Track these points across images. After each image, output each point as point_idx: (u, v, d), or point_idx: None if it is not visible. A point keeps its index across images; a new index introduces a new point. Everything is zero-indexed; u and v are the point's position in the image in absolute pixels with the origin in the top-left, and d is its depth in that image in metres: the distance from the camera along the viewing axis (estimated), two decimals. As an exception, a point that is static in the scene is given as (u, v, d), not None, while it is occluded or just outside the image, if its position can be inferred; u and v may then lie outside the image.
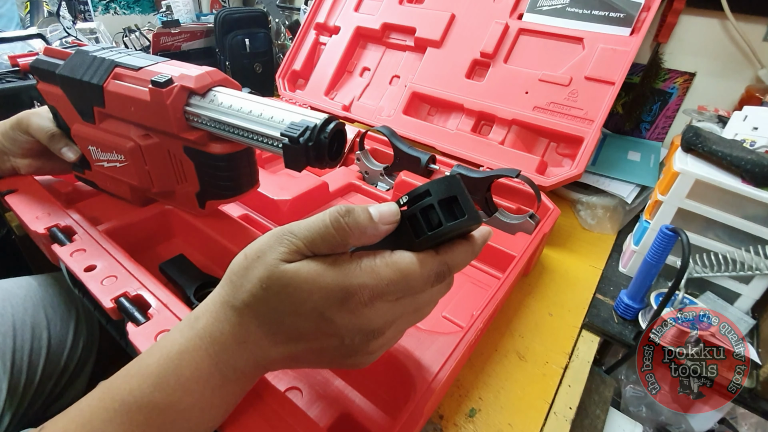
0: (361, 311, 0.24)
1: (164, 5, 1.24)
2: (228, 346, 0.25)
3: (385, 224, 0.24)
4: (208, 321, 0.26)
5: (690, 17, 0.76)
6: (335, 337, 0.24)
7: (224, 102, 0.39)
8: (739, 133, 0.56)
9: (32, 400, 0.48)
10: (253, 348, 0.25)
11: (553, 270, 0.58)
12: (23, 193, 0.51)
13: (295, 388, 0.38)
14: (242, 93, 0.41)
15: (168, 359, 0.25)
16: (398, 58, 0.86)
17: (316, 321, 0.24)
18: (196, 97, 0.41)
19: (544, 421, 0.39)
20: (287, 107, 0.38)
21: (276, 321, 0.25)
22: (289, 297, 0.24)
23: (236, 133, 0.39)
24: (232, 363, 0.26)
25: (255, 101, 0.39)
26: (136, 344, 0.33)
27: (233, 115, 0.39)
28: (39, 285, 0.55)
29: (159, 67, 0.42)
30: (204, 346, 0.25)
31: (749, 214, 0.47)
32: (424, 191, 0.24)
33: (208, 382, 0.25)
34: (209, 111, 0.40)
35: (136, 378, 0.25)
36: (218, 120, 0.39)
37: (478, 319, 0.38)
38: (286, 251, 0.24)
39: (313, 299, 0.23)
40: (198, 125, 0.41)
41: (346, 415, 0.36)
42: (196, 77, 0.40)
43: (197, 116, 0.40)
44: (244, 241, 0.47)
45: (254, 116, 0.38)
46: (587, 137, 0.64)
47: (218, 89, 0.41)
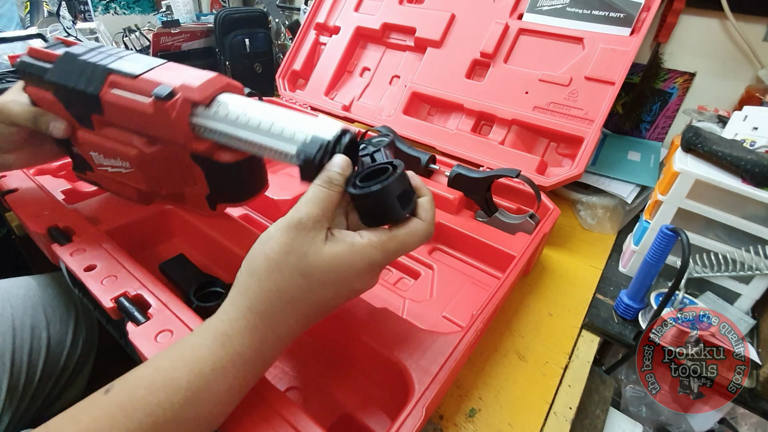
0: (377, 273, 0.31)
1: (164, 5, 1.24)
2: (264, 359, 0.28)
3: (346, 169, 0.30)
4: (241, 342, 0.27)
5: (690, 17, 0.76)
6: (354, 292, 0.31)
7: (231, 113, 0.37)
8: (739, 133, 0.56)
9: (32, 400, 0.48)
10: (285, 342, 0.29)
11: (553, 270, 0.58)
12: (23, 193, 0.51)
13: (295, 388, 0.38)
14: (248, 100, 0.39)
15: (200, 376, 0.25)
16: (398, 58, 0.86)
17: (347, 292, 0.30)
18: (201, 107, 0.38)
19: (544, 421, 0.39)
20: (296, 117, 0.36)
21: (315, 304, 0.29)
22: (332, 281, 0.28)
23: (245, 145, 0.37)
24: (264, 370, 0.29)
25: (262, 110, 0.37)
26: (136, 344, 0.33)
27: (242, 127, 0.37)
28: (39, 285, 0.55)
29: (157, 74, 0.39)
30: (238, 365, 0.27)
31: (749, 214, 0.47)
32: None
33: (240, 394, 0.28)
34: (216, 123, 0.38)
35: (164, 392, 0.25)
36: (226, 133, 0.37)
37: (478, 319, 0.38)
38: (321, 236, 0.28)
39: (350, 279, 0.29)
40: (205, 136, 0.39)
41: (346, 415, 0.36)
42: (200, 87, 0.38)
43: (204, 128, 0.39)
44: (244, 241, 0.47)
45: (264, 130, 0.36)
46: (587, 137, 0.64)
47: (223, 97, 0.39)
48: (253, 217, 0.62)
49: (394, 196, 0.29)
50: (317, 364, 0.40)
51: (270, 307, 0.27)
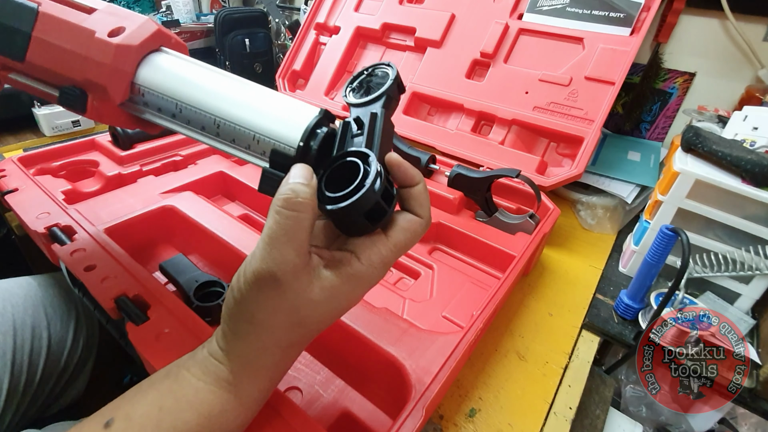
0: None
1: (164, 5, 1.24)
2: (268, 389, 0.27)
3: (309, 179, 0.24)
4: (248, 387, 0.26)
5: (690, 17, 0.76)
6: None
7: (174, 80, 0.30)
8: (739, 133, 0.56)
9: (32, 400, 0.48)
10: (288, 366, 0.28)
11: (553, 270, 0.58)
12: (23, 193, 0.51)
13: (295, 388, 0.38)
14: (192, 63, 0.32)
15: (210, 418, 0.25)
16: (398, 58, 0.86)
17: (348, 309, 0.27)
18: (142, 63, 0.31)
19: (544, 421, 0.39)
20: (253, 99, 0.29)
21: (317, 332, 0.26)
22: (331, 314, 0.25)
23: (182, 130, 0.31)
24: (269, 392, 0.28)
25: (209, 86, 0.30)
26: (136, 344, 0.33)
27: (190, 110, 0.30)
28: (39, 285, 0.55)
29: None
30: (247, 404, 0.26)
31: (749, 214, 0.47)
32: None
33: (249, 419, 0.27)
34: (157, 95, 0.30)
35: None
36: (165, 113, 0.31)
37: (478, 319, 0.38)
38: (306, 281, 0.23)
39: (352, 303, 0.26)
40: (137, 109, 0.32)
41: (346, 415, 0.36)
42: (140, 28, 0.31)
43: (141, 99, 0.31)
44: (244, 241, 0.47)
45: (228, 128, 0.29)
46: (587, 137, 0.64)
47: (161, 57, 0.31)
48: (253, 217, 0.62)
49: (373, 203, 0.23)
50: (317, 364, 0.40)
51: (271, 358, 0.26)
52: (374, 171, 0.23)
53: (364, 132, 0.27)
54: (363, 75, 0.32)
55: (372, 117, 0.28)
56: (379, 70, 0.32)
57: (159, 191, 0.58)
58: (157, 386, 0.26)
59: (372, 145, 0.27)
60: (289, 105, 0.29)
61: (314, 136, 0.27)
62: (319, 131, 0.28)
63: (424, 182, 0.27)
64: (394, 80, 0.30)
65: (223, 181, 0.66)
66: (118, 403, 0.26)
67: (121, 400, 0.26)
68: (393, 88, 0.30)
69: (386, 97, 0.30)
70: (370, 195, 0.23)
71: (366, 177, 0.23)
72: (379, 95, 0.30)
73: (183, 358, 0.27)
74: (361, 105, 0.30)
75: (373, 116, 0.28)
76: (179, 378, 0.26)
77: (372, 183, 0.23)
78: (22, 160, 0.60)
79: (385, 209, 0.24)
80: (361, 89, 0.32)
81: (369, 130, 0.27)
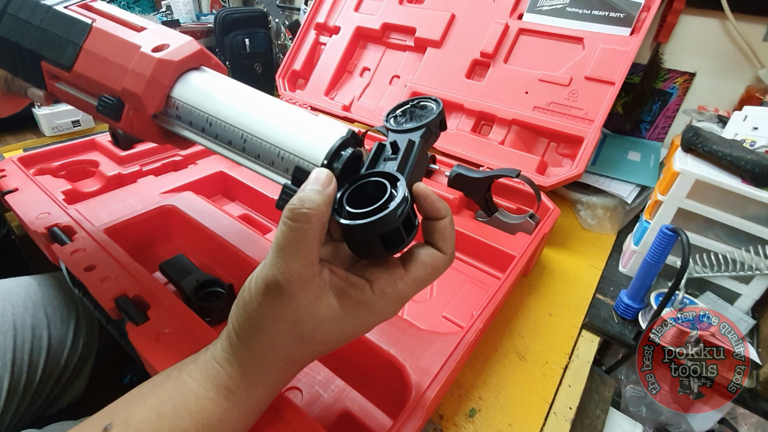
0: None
1: (164, 5, 1.24)
2: (265, 401, 0.27)
3: (326, 186, 0.23)
4: (246, 397, 0.25)
5: (690, 17, 0.76)
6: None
7: (210, 98, 0.31)
8: (739, 133, 0.56)
9: (32, 400, 0.48)
10: (284, 384, 0.27)
11: (553, 270, 0.58)
12: (23, 193, 0.51)
13: (295, 388, 0.38)
14: (226, 80, 0.33)
15: (209, 427, 0.24)
16: (398, 58, 0.86)
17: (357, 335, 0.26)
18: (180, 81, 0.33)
19: (544, 421, 0.39)
20: (280, 122, 0.30)
21: (321, 353, 0.26)
22: (337, 338, 0.25)
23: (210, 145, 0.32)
24: (266, 404, 0.27)
25: (241, 109, 0.31)
26: (136, 344, 0.33)
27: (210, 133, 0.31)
28: (39, 285, 0.55)
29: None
30: (247, 413, 0.26)
31: (749, 214, 0.47)
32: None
33: (247, 428, 0.27)
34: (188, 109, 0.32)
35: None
36: (196, 127, 0.32)
37: (478, 319, 0.38)
38: (311, 295, 0.23)
39: (362, 331, 0.25)
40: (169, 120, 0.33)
41: (346, 415, 0.36)
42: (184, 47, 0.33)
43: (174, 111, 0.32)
44: (243, 241, 0.47)
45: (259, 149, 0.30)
46: (587, 137, 0.64)
47: (198, 74, 0.33)
48: (253, 217, 0.62)
49: (392, 228, 0.22)
50: (317, 364, 0.40)
51: (269, 369, 0.25)
52: (401, 195, 0.22)
53: (398, 157, 0.26)
54: (407, 105, 0.32)
55: (409, 143, 0.27)
56: (426, 102, 0.32)
57: (159, 191, 0.58)
58: (157, 390, 0.25)
59: (404, 170, 0.26)
60: (318, 123, 0.29)
61: (338, 157, 0.27)
62: (344, 153, 0.27)
63: (451, 216, 0.25)
64: (438, 115, 0.30)
65: (223, 181, 0.66)
66: (118, 406, 0.25)
67: (120, 402, 0.26)
68: (436, 122, 0.30)
69: (426, 129, 0.29)
70: (391, 218, 0.22)
71: (391, 199, 0.22)
72: (420, 126, 0.29)
73: (186, 360, 0.27)
74: (400, 131, 0.30)
75: (411, 143, 0.27)
76: (179, 382, 0.25)
77: (396, 207, 0.22)
78: (22, 160, 0.60)
79: (403, 238, 0.23)
80: (404, 117, 0.32)
81: (404, 155, 0.27)
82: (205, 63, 0.34)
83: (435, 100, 0.31)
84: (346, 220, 0.22)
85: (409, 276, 0.24)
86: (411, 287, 0.24)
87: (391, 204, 0.22)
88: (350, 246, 0.25)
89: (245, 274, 0.25)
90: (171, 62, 0.31)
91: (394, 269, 0.24)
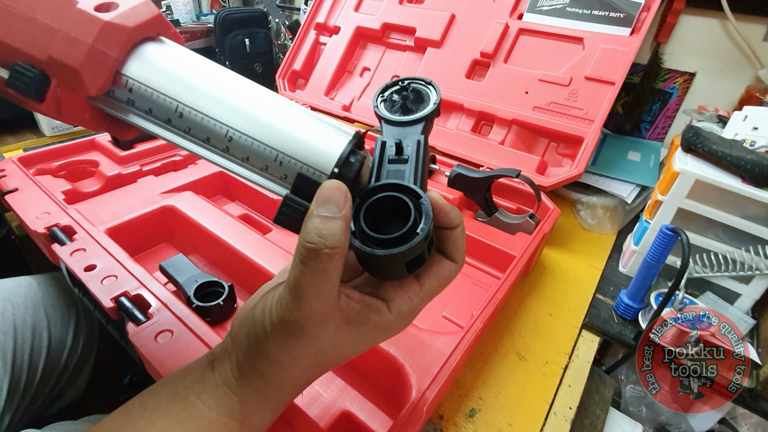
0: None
1: (164, 5, 1.24)
2: (276, 417, 0.26)
3: (342, 207, 0.21)
4: (261, 419, 0.25)
5: (690, 17, 0.76)
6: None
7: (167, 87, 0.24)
8: (739, 133, 0.56)
9: (32, 400, 0.48)
10: (295, 397, 0.27)
11: (553, 270, 0.58)
12: (23, 193, 0.51)
13: (295, 388, 0.38)
14: (203, 60, 0.26)
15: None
16: (398, 58, 0.86)
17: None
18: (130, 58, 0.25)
19: (544, 421, 0.39)
20: (280, 120, 0.24)
21: (329, 367, 0.25)
22: (352, 355, 0.24)
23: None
24: (275, 419, 0.26)
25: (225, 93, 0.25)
26: (136, 344, 0.33)
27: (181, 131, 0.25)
28: (39, 285, 0.55)
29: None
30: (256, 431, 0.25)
31: (749, 214, 0.47)
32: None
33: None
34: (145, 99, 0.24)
35: None
36: (158, 117, 0.25)
37: (478, 319, 0.38)
38: (332, 329, 0.22)
39: (367, 346, 0.25)
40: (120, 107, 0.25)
41: (346, 415, 0.36)
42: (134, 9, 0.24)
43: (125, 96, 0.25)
44: (243, 241, 0.47)
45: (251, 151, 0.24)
46: (587, 137, 0.64)
47: (160, 47, 0.25)
48: (253, 217, 0.62)
49: (418, 253, 0.21)
50: (317, 364, 0.40)
51: (287, 395, 0.25)
52: (428, 219, 0.21)
53: (409, 163, 0.24)
54: (397, 86, 0.29)
55: (417, 146, 0.25)
56: (417, 85, 0.29)
57: (159, 191, 0.58)
58: (165, 412, 0.24)
59: (418, 179, 0.23)
60: (319, 123, 0.25)
61: (348, 165, 0.23)
62: (353, 159, 0.23)
63: (462, 224, 0.24)
64: (438, 104, 0.27)
65: (223, 181, 0.66)
66: (124, 425, 0.24)
67: (125, 420, 0.24)
68: (436, 112, 0.27)
69: (426, 122, 0.27)
70: (420, 245, 0.20)
71: (417, 225, 0.21)
72: (420, 118, 0.27)
73: (190, 376, 0.25)
74: (398, 124, 0.27)
75: (419, 145, 0.25)
76: (189, 406, 0.24)
77: (426, 235, 0.20)
78: (22, 160, 0.60)
79: (425, 258, 0.22)
80: (395, 104, 0.28)
81: (416, 162, 0.24)
82: (162, 33, 0.27)
83: (429, 83, 0.28)
84: (369, 249, 0.20)
85: (424, 290, 0.23)
86: (425, 300, 0.24)
87: (419, 230, 0.20)
88: (368, 268, 0.24)
89: (245, 274, 0.25)
90: (123, 28, 0.23)
91: (408, 286, 0.23)
